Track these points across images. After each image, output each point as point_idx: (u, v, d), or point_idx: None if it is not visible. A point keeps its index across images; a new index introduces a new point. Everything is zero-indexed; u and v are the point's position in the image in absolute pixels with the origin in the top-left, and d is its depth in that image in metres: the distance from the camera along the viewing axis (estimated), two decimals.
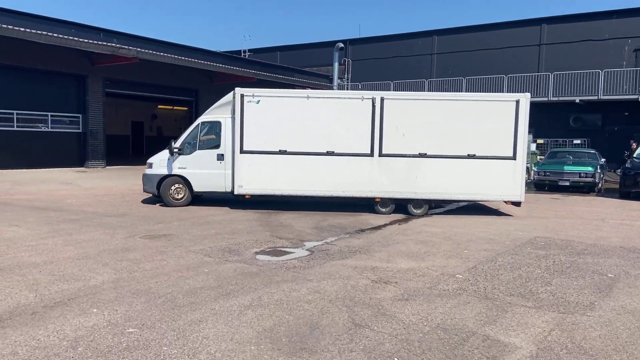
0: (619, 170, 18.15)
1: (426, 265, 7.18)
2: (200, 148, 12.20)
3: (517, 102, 11.57)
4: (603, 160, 19.28)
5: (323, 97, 12.05)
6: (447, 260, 7.56)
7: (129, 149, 33.41)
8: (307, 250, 8.08)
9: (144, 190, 12.73)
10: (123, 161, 24.30)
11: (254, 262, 7.17)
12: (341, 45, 32.21)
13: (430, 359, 4.17)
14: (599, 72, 25.30)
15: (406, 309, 5.32)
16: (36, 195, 13.44)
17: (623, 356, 4.30)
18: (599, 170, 17.74)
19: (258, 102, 11.61)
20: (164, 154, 12.40)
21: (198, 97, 25.98)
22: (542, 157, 22.23)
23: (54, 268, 6.52)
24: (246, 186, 11.72)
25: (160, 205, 12.29)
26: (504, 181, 11.65)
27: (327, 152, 11.64)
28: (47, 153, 19.95)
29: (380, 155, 11.66)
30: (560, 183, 17.72)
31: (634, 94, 24.21)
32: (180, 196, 12.21)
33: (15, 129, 19.31)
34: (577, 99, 25.58)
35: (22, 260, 6.89)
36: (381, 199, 11.82)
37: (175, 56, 21.88)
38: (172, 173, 12.21)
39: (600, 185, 17.99)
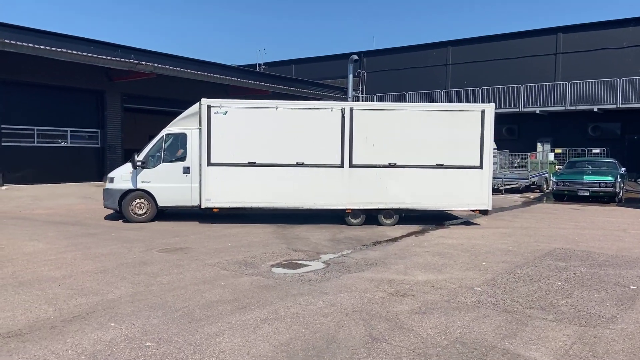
0: (639, 180, 17.79)
1: (444, 278, 7.10)
2: (165, 161, 11.85)
3: (483, 112, 11.77)
4: (623, 169, 18.96)
5: (292, 108, 11.86)
6: (465, 272, 7.46)
7: None
8: (323, 262, 8.05)
9: (105, 206, 12.20)
10: None
11: (270, 275, 7.17)
12: (355, 57, 32.35)
13: None
14: (617, 80, 24.98)
15: (424, 322, 5.25)
16: (55, 210, 13.65)
17: None
18: (619, 180, 17.44)
19: (225, 113, 11.46)
20: (126, 167, 12.01)
21: None
22: (561, 167, 21.95)
23: (72, 282, 6.60)
24: (214, 199, 11.49)
25: (122, 221, 11.83)
26: (472, 190, 11.74)
27: (297, 163, 11.52)
28: (67, 168, 20.27)
29: (351, 166, 11.60)
30: (580, 193, 17.46)
31: None
32: (142, 212, 11.74)
33: (35, 144, 19.69)
34: (596, 108, 25.27)
35: (41, 274, 6.98)
36: (352, 210, 11.77)
37: (192, 71, 22.18)
38: (135, 187, 11.77)
39: (620, 195, 17.68)
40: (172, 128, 12.08)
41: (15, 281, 6.58)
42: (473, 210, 12.37)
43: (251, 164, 11.47)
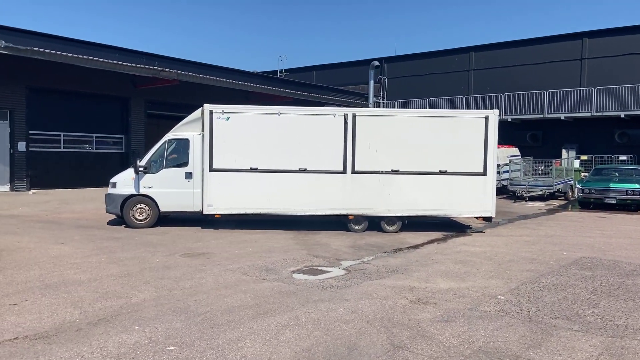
0: None
1: (466, 286, 7.01)
2: (167, 166, 11.79)
3: (487, 118, 11.62)
4: None
5: (295, 114, 11.80)
6: (488, 280, 7.36)
7: None
8: (344, 269, 8.03)
9: (107, 211, 12.12)
10: None
11: (291, 281, 7.18)
12: (377, 63, 32.33)
13: None
14: None
15: (446, 331, 5.20)
16: (81, 214, 13.91)
17: None
18: None
19: (228, 118, 11.44)
20: (128, 172, 12.00)
21: None
22: (586, 174, 21.51)
23: (97, 285, 6.71)
24: (216, 205, 11.45)
25: (124, 226, 11.76)
26: (475, 197, 11.62)
27: (300, 169, 11.48)
28: (92, 173, 20.66)
29: (353, 172, 11.52)
30: (606, 201, 17.08)
31: None
32: (142, 217, 11.70)
33: (62, 150, 20.15)
34: (622, 114, 24.74)
35: (67, 277, 7.11)
36: (354, 216, 11.69)
37: (214, 77, 22.48)
38: (138, 193, 11.71)
39: None
40: (174, 133, 12.07)
41: (42, 284, 6.72)
42: (477, 217, 12.20)
43: (253, 170, 11.47)
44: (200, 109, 11.80)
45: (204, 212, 11.59)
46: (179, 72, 20.75)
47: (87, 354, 4.46)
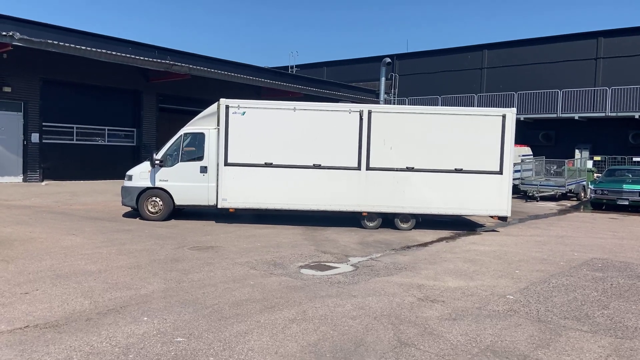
0: None
1: (475, 285, 6.98)
2: (183, 160, 11.87)
3: (504, 116, 11.53)
4: None
5: (310, 110, 11.76)
6: (497, 280, 7.32)
7: None
8: (351, 265, 8.03)
9: (123, 204, 12.23)
10: None
11: (299, 276, 7.19)
12: (388, 60, 32.20)
13: None
14: None
15: (454, 329, 5.18)
16: (93, 206, 14.04)
17: None
18: None
19: (243, 113, 11.44)
20: (144, 165, 12.07)
21: None
22: (599, 174, 21.28)
23: (107, 276, 6.77)
24: (230, 199, 11.48)
25: (140, 219, 11.82)
26: (491, 196, 11.55)
27: (314, 165, 11.46)
28: (103, 165, 20.86)
29: (368, 168, 11.49)
30: (619, 202, 16.89)
31: None
32: (155, 210, 11.78)
33: (74, 142, 20.34)
34: (637, 115, 24.42)
35: (78, 268, 7.19)
36: (368, 213, 11.65)
37: (225, 72, 22.53)
38: (154, 186, 11.78)
39: None
40: (190, 127, 12.12)
41: (53, 274, 6.79)
42: (492, 217, 12.05)
43: (268, 165, 11.47)
44: (216, 103, 11.83)
45: (219, 206, 11.62)
46: (190, 66, 20.84)
47: (96, 344, 4.51)
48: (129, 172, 12.25)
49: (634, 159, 23.72)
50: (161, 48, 23.51)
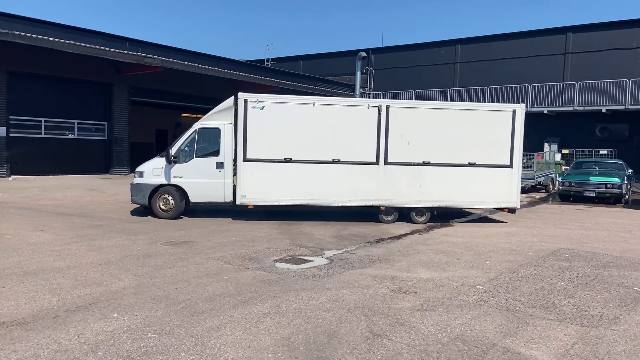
0: None
1: (446, 276, 7.10)
2: (198, 156, 11.56)
3: (514, 112, 11.90)
4: (630, 171, 18.84)
5: (329, 105, 11.77)
6: (468, 270, 7.46)
7: (153, 156, 33.86)
8: (326, 258, 8.06)
9: (133, 202, 11.85)
10: None
11: (274, 270, 7.19)
12: (363, 54, 32.27)
13: None
14: (626, 81, 24.79)
15: (425, 320, 5.26)
16: (62, 201, 13.73)
17: None
18: (625, 181, 17.34)
19: (262, 108, 11.27)
20: (157, 161, 11.72)
21: None
22: (567, 167, 21.83)
23: (77, 273, 6.64)
24: (249, 196, 11.30)
25: (151, 217, 11.55)
26: (501, 189, 11.88)
27: (334, 160, 11.44)
28: (73, 160, 20.40)
29: (386, 163, 11.60)
30: (586, 194, 17.37)
31: None
32: (167, 207, 11.45)
33: (43, 136, 19.81)
34: (604, 109, 25.10)
35: (46, 264, 7.03)
36: (386, 207, 11.76)
37: (199, 65, 22.23)
38: (167, 183, 11.46)
39: (627, 196, 17.58)
40: (205, 122, 11.80)
41: (20, 271, 6.63)
42: (502, 209, 12.34)
43: (287, 160, 11.34)
44: (231, 97, 11.65)
45: (237, 203, 11.35)
46: (163, 59, 20.49)
47: (64, 341, 4.43)
48: (139, 169, 11.85)
49: (601, 152, 24.41)
50: (133, 40, 23.04)
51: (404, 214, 11.92)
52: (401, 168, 11.63)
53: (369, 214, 12.05)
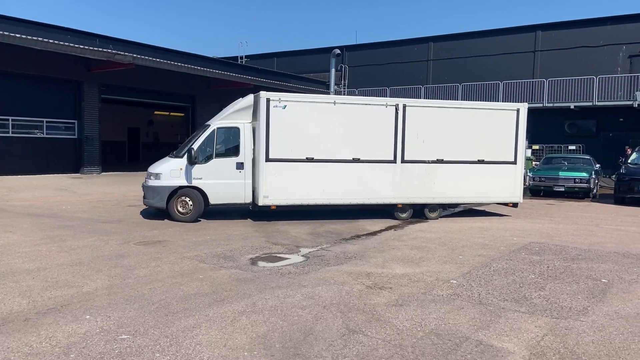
0: (613, 176, 18.23)
1: (421, 271, 7.19)
2: (218, 156, 11.18)
3: (518, 110, 12.50)
4: (598, 166, 19.35)
5: (349, 103, 11.94)
6: (442, 265, 7.57)
7: (125, 155, 33.35)
8: (302, 256, 8.08)
9: (149, 205, 11.42)
10: (119, 167, 24.25)
11: (249, 268, 7.17)
12: (338, 51, 32.29)
13: None
14: (593, 78, 25.46)
15: (400, 315, 5.32)
16: (31, 202, 13.40)
17: None
18: (593, 176, 17.81)
19: (284, 107, 11.08)
20: (175, 162, 11.17)
21: (195, 102, 26.01)
22: (537, 162, 22.31)
23: (47, 275, 6.50)
24: (271, 196, 11.06)
25: (168, 220, 11.10)
26: (506, 184, 12.45)
27: (353, 159, 11.48)
28: (43, 159, 19.88)
29: (403, 161, 11.81)
30: (556, 189, 17.78)
31: (628, 100, 24.37)
32: (185, 210, 11.02)
33: (10, 135, 19.25)
34: (572, 105, 25.72)
35: (15, 266, 6.86)
36: (403, 204, 12.01)
37: (172, 62, 21.90)
38: (188, 184, 11.02)
39: (595, 190, 18.05)
40: (223, 122, 11.39)
41: None
42: (506, 204, 12.86)
43: (309, 160, 11.23)
44: (250, 96, 11.48)
45: (260, 204, 11.10)
46: (135, 55, 20.10)
47: (35, 344, 4.33)
48: (156, 170, 11.29)
49: (570, 148, 25.03)
50: (103, 36, 22.54)
51: (417, 210, 12.26)
52: (417, 166, 11.90)
53: (381, 211, 12.26)
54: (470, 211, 13.64)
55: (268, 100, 11.03)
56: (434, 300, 5.84)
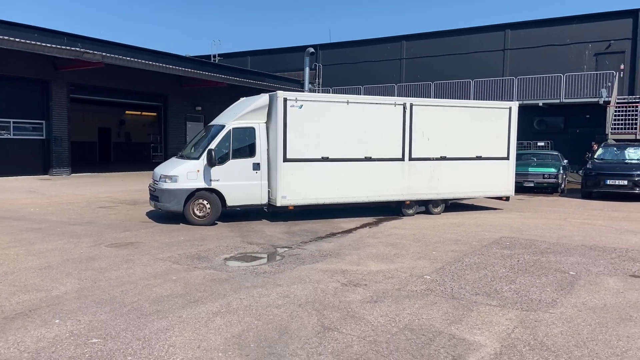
0: (580, 171, 18.70)
1: (395, 267, 7.26)
2: (234, 157, 10.94)
3: (510, 108, 13.33)
4: (566, 161, 19.84)
5: (361, 103, 12.06)
6: (416, 261, 7.65)
7: (96, 155, 32.71)
8: (278, 255, 8.06)
9: (165, 209, 10.93)
10: (90, 168, 23.76)
11: (224, 268, 7.12)
12: (312, 50, 32.24)
13: None
14: (561, 76, 26.05)
15: (375, 311, 5.36)
16: None
17: (584, 352, 4.44)
18: (561, 171, 18.25)
19: (301, 106, 11.03)
20: (192, 164, 10.81)
21: (167, 102, 25.66)
22: None
23: (15, 279, 6.33)
24: (289, 197, 11.01)
25: (183, 224, 10.70)
26: (500, 179, 13.23)
27: (366, 157, 11.71)
28: (10, 161, 19.33)
29: (410, 159, 12.16)
30: (525, 184, 18.14)
31: (594, 97, 25.02)
32: (202, 213, 10.72)
33: None
34: (541, 102, 26.27)
35: None
36: (410, 201, 12.36)
37: (143, 61, 21.56)
38: (207, 187, 10.71)
39: (563, 185, 18.51)
40: (238, 122, 11.12)
41: None
42: (500, 197, 13.59)
43: (325, 159, 11.31)
44: (265, 95, 11.35)
45: (278, 204, 10.98)
46: (104, 54, 19.71)
47: (2, 350, 4.22)
48: (171, 172, 10.85)
49: (539, 144, 25.58)
50: (72, 35, 22.02)
51: (424, 206, 12.70)
52: (423, 163, 12.30)
53: (386, 208, 12.58)
54: (440, 207, 13.79)
55: (285, 100, 10.98)
56: (408, 296, 5.90)
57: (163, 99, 25.70)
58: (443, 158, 12.48)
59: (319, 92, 32.88)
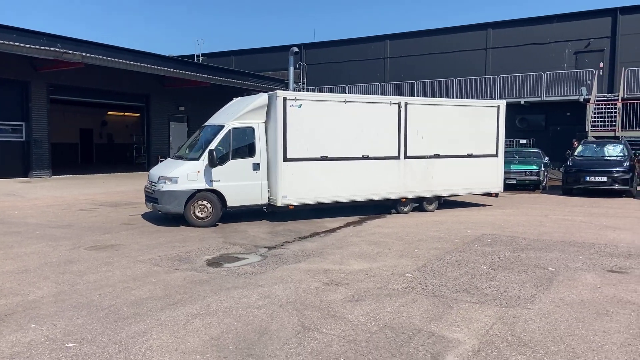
0: (561, 168, 18.94)
1: (378, 266, 7.27)
2: (234, 157, 10.85)
3: (498, 107, 13.69)
4: (547, 158, 20.07)
5: (359, 102, 12.16)
6: (398, 260, 7.68)
7: (78, 157, 32.27)
8: (260, 255, 8.03)
9: (164, 211, 10.75)
10: (71, 170, 23.42)
11: (205, 269, 7.07)
12: (296, 49, 32.18)
13: (376, 359, 4.21)
14: (541, 75, 26.36)
15: (355, 310, 5.36)
16: None
17: (560, 347, 4.48)
18: (543, 169, 18.47)
19: (300, 106, 11.02)
20: (191, 165, 10.67)
21: (149, 102, 25.40)
22: None
23: None
24: (290, 196, 11.01)
25: (184, 226, 10.56)
26: (490, 176, 13.58)
27: (363, 156, 11.81)
28: None
29: (406, 157, 12.34)
30: (508, 181, 18.21)
31: (574, 95, 25.36)
32: (203, 214, 10.60)
33: None
34: (522, 101, 26.55)
35: None
36: (406, 199, 12.52)
37: (124, 61, 21.31)
38: (207, 188, 10.59)
39: (544, 182, 18.74)
40: (237, 122, 11.02)
41: None
42: (490, 194, 13.98)
43: (324, 158, 11.36)
44: (264, 95, 11.29)
45: (279, 204, 10.93)
46: (84, 54, 19.44)
47: None
48: (171, 174, 10.66)
49: (521, 142, 25.84)
50: (51, 35, 21.66)
51: (418, 203, 12.87)
52: (417, 161, 12.49)
53: (381, 206, 12.66)
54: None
55: (285, 100, 10.95)
56: (389, 295, 5.92)
57: (145, 99, 25.43)
58: (436, 156, 12.67)
59: (303, 91, 32.86)
